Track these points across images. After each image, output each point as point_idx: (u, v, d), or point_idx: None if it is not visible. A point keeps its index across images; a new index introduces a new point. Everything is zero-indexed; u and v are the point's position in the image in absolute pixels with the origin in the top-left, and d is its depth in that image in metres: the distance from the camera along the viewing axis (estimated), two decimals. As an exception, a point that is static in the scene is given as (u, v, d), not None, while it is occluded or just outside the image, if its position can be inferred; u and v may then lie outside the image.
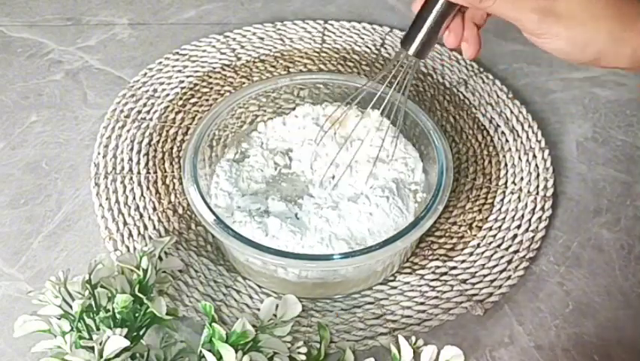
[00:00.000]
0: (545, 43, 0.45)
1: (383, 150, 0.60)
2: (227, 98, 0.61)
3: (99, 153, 0.67)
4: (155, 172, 0.65)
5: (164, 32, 0.80)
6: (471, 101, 0.71)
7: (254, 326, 0.47)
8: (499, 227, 0.62)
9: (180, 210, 0.62)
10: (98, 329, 0.47)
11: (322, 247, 0.54)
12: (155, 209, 0.62)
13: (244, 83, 0.73)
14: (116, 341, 0.43)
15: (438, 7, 0.49)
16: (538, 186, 0.64)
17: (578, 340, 0.55)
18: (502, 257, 0.60)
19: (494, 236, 0.61)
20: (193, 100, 0.71)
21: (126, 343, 0.43)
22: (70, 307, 0.47)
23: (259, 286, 0.58)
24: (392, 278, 0.58)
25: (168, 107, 0.71)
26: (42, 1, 0.83)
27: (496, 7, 0.44)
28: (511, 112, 0.70)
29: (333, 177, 0.60)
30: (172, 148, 0.67)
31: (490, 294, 0.57)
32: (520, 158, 0.66)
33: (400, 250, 0.53)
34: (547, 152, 0.67)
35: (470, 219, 0.62)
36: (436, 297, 0.57)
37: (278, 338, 0.49)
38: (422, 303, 0.57)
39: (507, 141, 0.68)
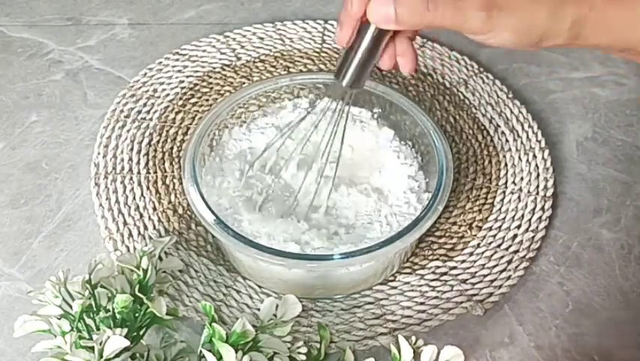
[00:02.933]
0: (490, 38, 0.44)
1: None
2: (227, 98, 0.61)
3: (99, 153, 0.67)
4: (155, 172, 0.65)
5: (164, 32, 0.80)
6: (471, 101, 0.71)
7: (254, 326, 0.47)
8: (499, 227, 0.62)
9: (180, 210, 0.62)
10: (98, 329, 0.47)
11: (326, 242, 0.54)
12: (155, 209, 0.62)
13: (244, 83, 0.73)
14: (116, 341, 0.43)
15: (371, 35, 0.46)
16: (538, 186, 0.64)
17: (578, 340, 0.55)
18: (502, 257, 0.60)
19: (494, 236, 0.61)
20: (193, 100, 0.71)
21: (126, 343, 0.43)
22: (70, 307, 0.47)
23: (259, 286, 0.58)
24: (392, 278, 0.58)
25: (168, 107, 0.71)
26: (42, 1, 0.83)
27: (440, 18, 0.43)
28: (511, 112, 0.70)
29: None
30: (172, 148, 0.67)
31: (490, 294, 0.57)
32: (520, 158, 0.66)
33: (400, 250, 0.53)
34: (547, 152, 0.67)
35: (470, 219, 0.62)
36: (436, 297, 0.57)
37: (278, 338, 0.49)
38: (422, 303, 0.57)
39: (507, 141, 0.68)
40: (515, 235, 0.61)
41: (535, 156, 0.66)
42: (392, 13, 0.43)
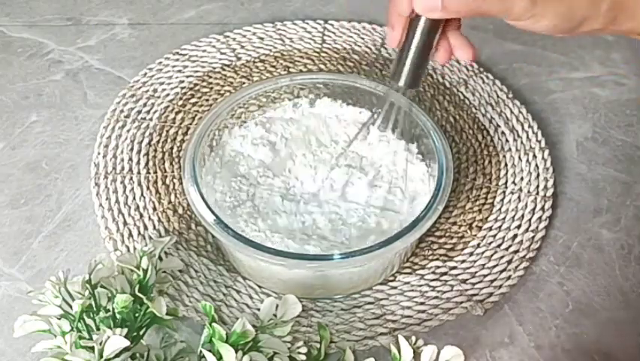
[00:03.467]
0: (533, 23, 0.44)
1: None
2: (227, 98, 0.61)
3: (99, 153, 0.67)
4: (155, 172, 0.65)
5: (164, 32, 0.80)
6: (471, 101, 0.71)
7: (254, 326, 0.47)
8: (499, 227, 0.62)
9: (180, 210, 0.62)
10: (98, 329, 0.47)
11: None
12: (155, 209, 0.62)
13: (244, 83, 0.73)
14: (116, 341, 0.43)
15: (422, 29, 0.46)
16: (538, 186, 0.64)
17: (578, 340, 0.55)
18: (502, 257, 0.60)
19: (494, 236, 0.61)
20: (193, 100, 0.71)
21: (126, 343, 0.43)
22: (70, 307, 0.47)
23: (259, 286, 0.58)
24: (392, 278, 0.58)
25: (168, 107, 0.71)
26: (42, 1, 0.83)
27: (487, 5, 0.43)
28: (511, 112, 0.70)
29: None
30: (172, 148, 0.67)
31: (490, 294, 0.57)
32: (520, 158, 0.66)
33: (400, 250, 0.53)
34: (547, 152, 0.67)
35: (470, 219, 0.62)
36: (436, 297, 0.57)
37: (278, 338, 0.49)
38: (422, 303, 0.57)
39: (507, 140, 0.68)
40: (515, 235, 0.61)
41: (535, 156, 0.66)
42: (438, 1, 0.43)
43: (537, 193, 0.64)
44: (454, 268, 0.59)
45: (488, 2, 0.43)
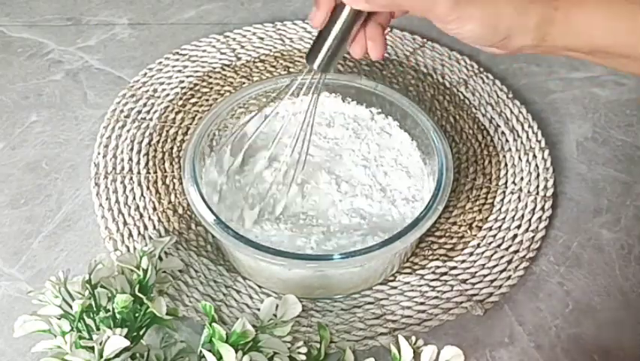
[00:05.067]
0: (457, 28, 0.44)
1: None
2: (228, 98, 0.61)
3: (99, 153, 0.67)
4: (155, 172, 0.65)
5: (164, 32, 0.80)
6: (471, 101, 0.71)
7: (254, 326, 0.47)
8: (499, 227, 0.62)
9: (180, 210, 0.62)
10: (98, 329, 0.47)
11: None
12: (155, 209, 0.62)
13: (244, 83, 0.73)
14: (116, 341, 0.43)
15: (344, 17, 0.47)
16: (538, 186, 0.64)
17: (578, 340, 0.55)
18: (502, 257, 0.60)
19: (494, 236, 0.61)
20: (193, 100, 0.71)
21: (126, 343, 0.43)
22: (70, 307, 0.47)
23: (259, 286, 0.58)
24: (392, 278, 0.58)
25: (168, 107, 0.71)
26: (42, 1, 0.83)
27: (409, 3, 0.43)
28: (511, 112, 0.70)
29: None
30: (172, 148, 0.67)
31: (490, 294, 0.57)
32: (520, 158, 0.66)
33: (400, 250, 0.53)
34: (547, 152, 0.67)
35: (470, 219, 0.62)
36: (436, 297, 0.57)
37: (278, 338, 0.49)
38: (422, 303, 0.57)
39: (507, 141, 0.68)
40: (515, 235, 0.61)
41: (535, 156, 0.66)
42: None
43: (537, 193, 0.64)
44: (454, 268, 0.59)
45: None
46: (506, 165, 0.66)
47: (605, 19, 0.44)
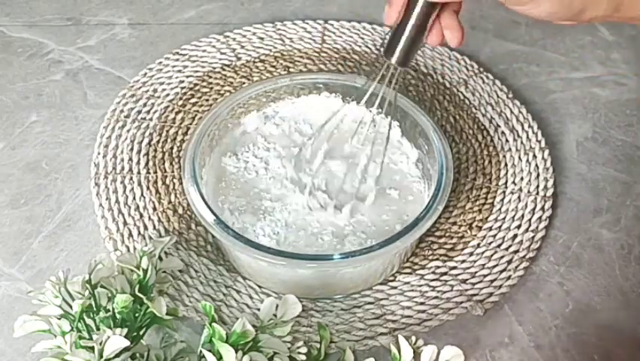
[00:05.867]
0: (533, 8, 0.44)
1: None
2: (228, 98, 0.61)
3: (99, 153, 0.67)
4: (155, 172, 0.65)
5: (164, 32, 0.80)
6: (471, 101, 0.71)
7: (254, 326, 0.47)
8: (499, 227, 0.62)
9: (180, 210, 0.62)
10: (98, 329, 0.47)
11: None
12: (155, 209, 0.62)
13: (244, 83, 0.73)
14: (116, 341, 0.43)
15: (419, 11, 0.47)
16: (538, 186, 0.64)
17: (578, 340, 0.55)
18: (502, 257, 0.60)
19: (494, 236, 0.61)
20: (193, 100, 0.71)
21: (126, 343, 0.43)
22: (70, 307, 0.47)
23: (259, 286, 0.58)
24: (392, 278, 0.58)
25: (168, 107, 0.71)
26: (42, 1, 0.83)
27: None
28: (511, 112, 0.70)
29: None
30: (172, 148, 0.67)
31: (490, 294, 0.57)
32: (520, 158, 0.66)
33: (400, 250, 0.53)
34: (547, 152, 0.67)
35: (470, 219, 0.62)
36: (436, 297, 0.57)
37: (278, 338, 0.49)
38: (422, 303, 0.57)
39: (507, 141, 0.68)
40: (515, 235, 0.61)
41: (535, 156, 0.66)
42: None
43: (537, 193, 0.64)
44: (454, 268, 0.59)
45: None
46: (506, 165, 0.66)
47: None
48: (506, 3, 0.44)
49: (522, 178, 0.65)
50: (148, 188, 0.64)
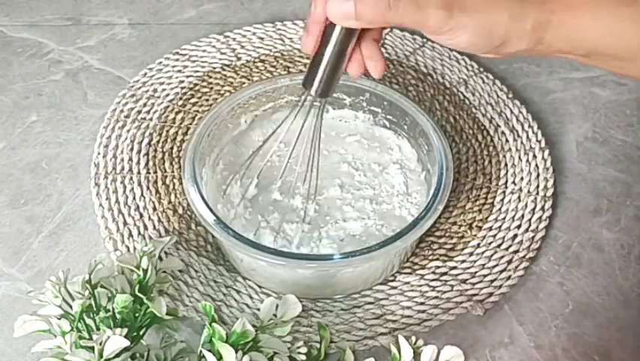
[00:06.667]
0: (450, 39, 0.43)
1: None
2: (228, 98, 0.61)
3: (99, 153, 0.67)
4: (155, 172, 0.65)
5: (164, 32, 0.80)
6: (471, 101, 0.71)
7: (254, 326, 0.47)
8: (499, 227, 0.62)
9: (180, 210, 0.62)
10: (98, 329, 0.47)
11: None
12: (155, 209, 0.62)
13: (244, 83, 0.73)
14: (116, 341, 0.43)
15: (336, 38, 0.45)
16: (538, 186, 0.64)
17: (578, 340, 0.55)
18: (502, 257, 0.59)
19: (494, 236, 0.61)
20: (193, 100, 0.71)
21: (126, 343, 0.43)
22: (71, 307, 0.47)
23: (259, 286, 0.58)
24: (392, 278, 0.58)
25: (168, 107, 0.71)
26: (42, 1, 0.83)
27: (401, 15, 0.42)
28: (511, 112, 0.70)
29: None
30: (172, 148, 0.67)
31: (490, 294, 0.57)
32: (520, 158, 0.66)
33: (400, 250, 0.53)
34: (547, 152, 0.67)
35: (470, 219, 0.62)
36: (436, 297, 0.57)
37: (278, 338, 0.49)
38: (422, 303, 0.57)
39: (507, 140, 0.68)
40: (515, 235, 0.61)
41: (535, 156, 0.66)
42: (352, 9, 0.42)
43: (537, 193, 0.64)
44: (454, 268, 0.59)
45: (402, 13, 0.42)
46: (506, 165, 0.66)
47: (597, 22, 0.43)
48: (425, 32, 0.44)
49: (522, 178, 0.65)
50: (148, 188, 0.64)
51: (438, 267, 0.59)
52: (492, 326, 0.56)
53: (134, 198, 0.63)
